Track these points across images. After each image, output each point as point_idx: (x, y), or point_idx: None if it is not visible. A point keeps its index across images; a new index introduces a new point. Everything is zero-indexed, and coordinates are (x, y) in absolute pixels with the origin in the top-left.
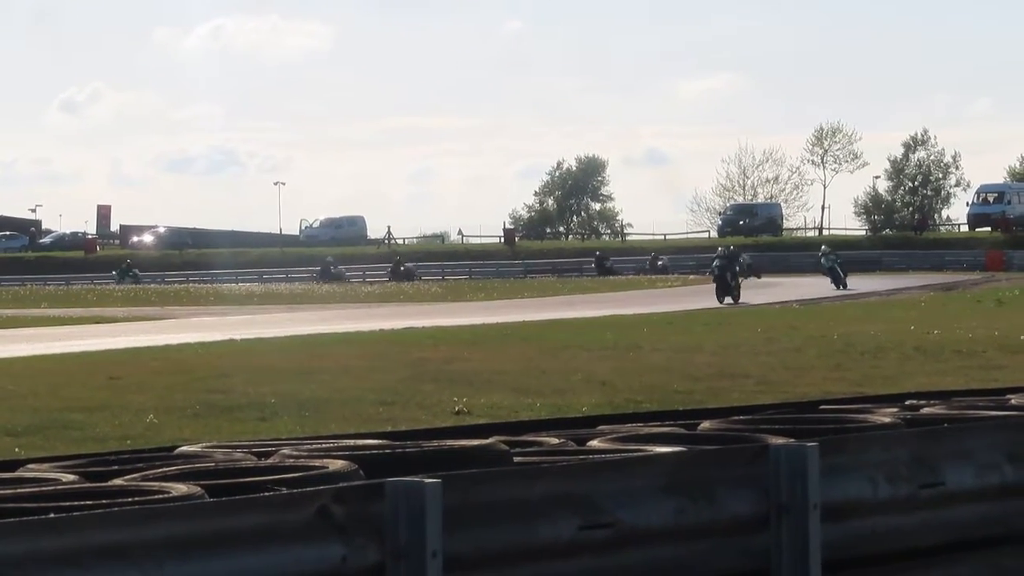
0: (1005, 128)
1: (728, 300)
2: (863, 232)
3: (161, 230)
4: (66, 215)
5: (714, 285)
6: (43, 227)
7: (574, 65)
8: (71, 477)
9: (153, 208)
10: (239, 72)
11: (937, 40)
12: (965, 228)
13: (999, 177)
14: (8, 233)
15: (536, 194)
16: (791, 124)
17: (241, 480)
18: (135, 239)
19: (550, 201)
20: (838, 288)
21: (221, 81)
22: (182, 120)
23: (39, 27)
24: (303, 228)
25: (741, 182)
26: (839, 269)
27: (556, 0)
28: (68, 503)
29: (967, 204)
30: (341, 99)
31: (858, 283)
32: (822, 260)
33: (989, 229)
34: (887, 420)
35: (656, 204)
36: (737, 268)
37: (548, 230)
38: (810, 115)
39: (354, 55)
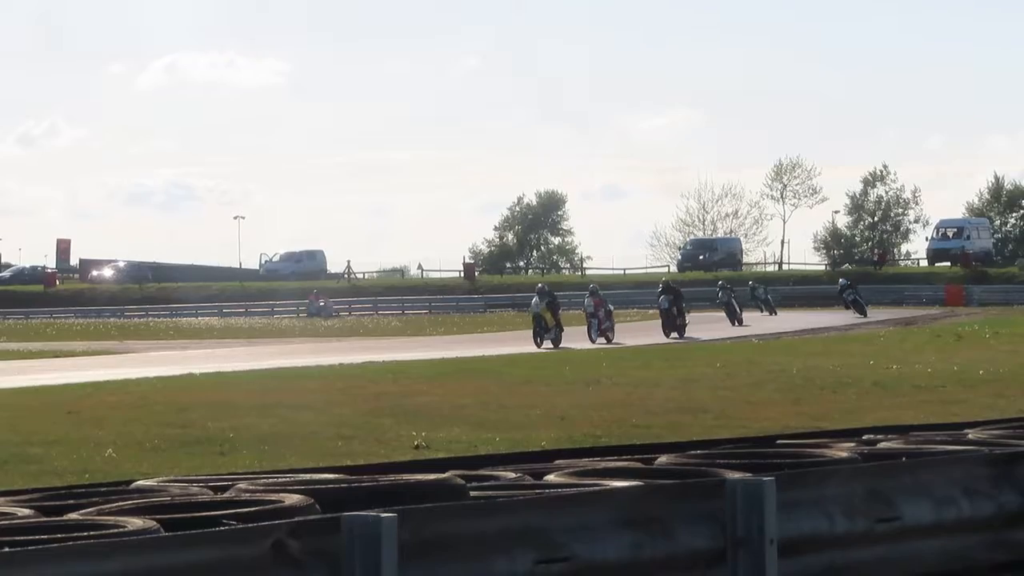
0: (962, 164)
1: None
2: (823, 267)
3: (121, 264)
4: (25, 249)
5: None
6: (2, 261)
7: (531, 100)
8: (26, 512)
9: (111, 242)
10: (196, 107)
11: (895, 76)
12: (924, 263)
13: (958, 212)
14: None
15: (496, 228)
16: (750, 159)
17: (197, 514)
18: (95, 273)
19: (510, 235)
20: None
21: (178, 116)
22: (139, 154)
23: None
24: (263, 262)
25: (701, 216)
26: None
27: (513, 36)
28: (23, 537)
29: (927, 239)
30: (298, 134)
31: (816, 318)
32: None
33: (949, 264)
34: (844, 455)
35: (614, 239)
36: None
37: (508, 264)
38: (769, 150)
39: (311, 90)
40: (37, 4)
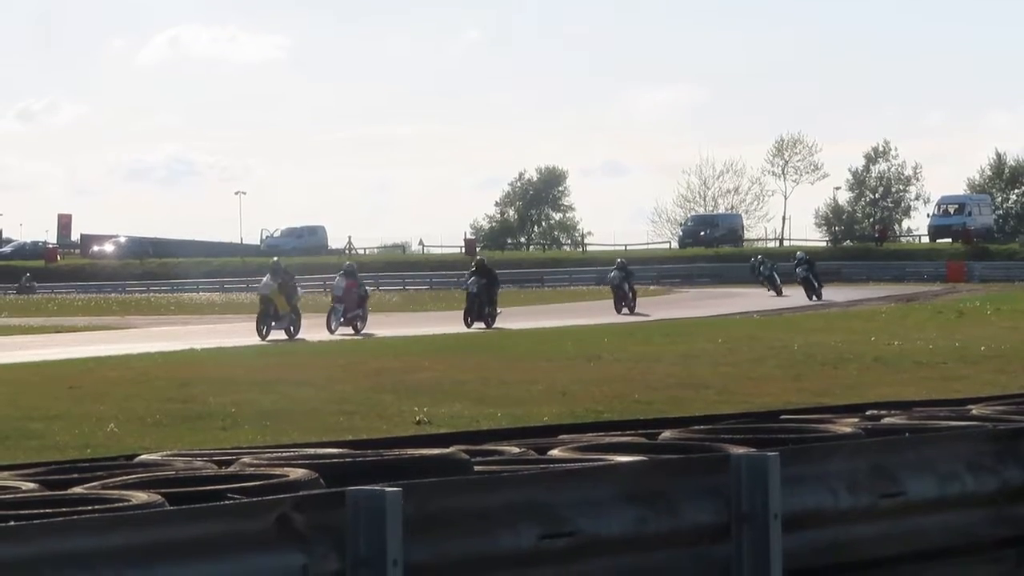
0: (963, 140)
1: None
2: (824, 243)
3: (122, 239)
4: (27, 224)
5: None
6: (3, 236)
7: (532, 75)
8: (30, 485)
9: (112, 217)
10: (196, 82)
11: (896, 52)
12: (926, 239)
13: (959, 189)
14: None
15: (497, 204)
16: (751, 135)
17: (201, 488)
18: (96, 248)
19: (511, 211)
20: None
21: (178, 91)
22: (140, 130)
23: None
24: (264, 238)
25: (702, 193)
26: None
27: (514, 11)
28: (27, 511)
29: (928, 216)
30: (299, 109)
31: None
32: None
33: (950, 240)
34: (848, 430)
35: (615, 215)
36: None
37: (509, 240)
38: (770, 126)
39: (312, 65)
40: None
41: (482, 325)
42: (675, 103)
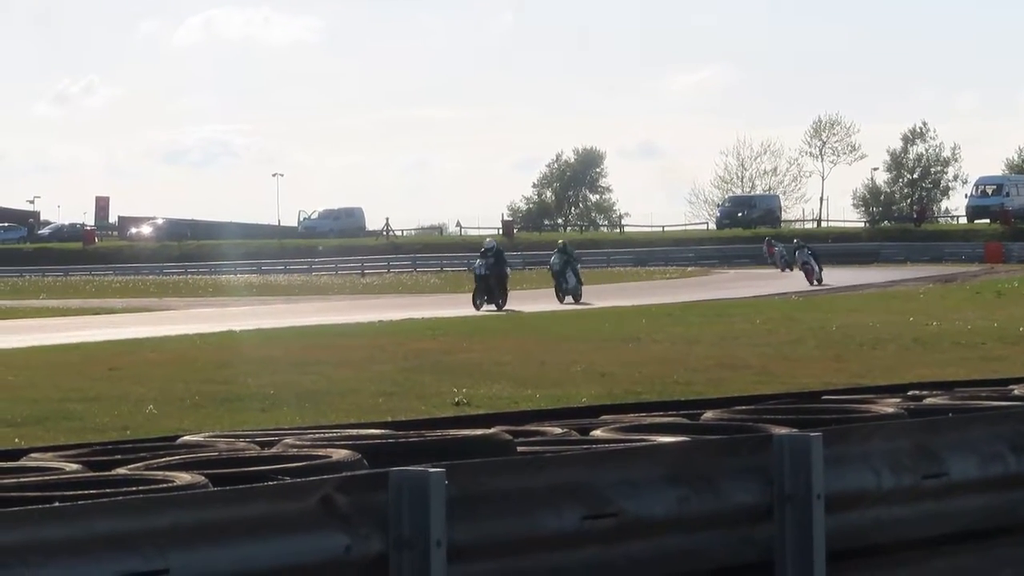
0: (1002, 120)
1: (569, 299)
2: (861, 224)
3: (159, 221)
4: (64, 206)
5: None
6: (41, 218)
7: (569, 56)
8: (75, 466)
9: (149, 199)
10: (232, 64)
11: (935, 32)
12: (964, 220)
13: (997, 169)
14: (6, 224)
15: (534, 186)
16: (789, 116)
17: (245, 469)
18: (133, 230)
19: (548, 193)
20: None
21: (214, 73)
22: (175, 112)
23: (32, 20)
24: (301, 219)
25: (739, 174)
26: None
27: None
28: (72, 492)
29: (966, 196)
30: (335, 90)
31: (857, 275)
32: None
33: (988, 221)
34: (890, 410)
35: (652, 196)
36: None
37: (546, 222)
38: (808, 107)
39: (348, 46)
40: None
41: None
42: (713, 84)
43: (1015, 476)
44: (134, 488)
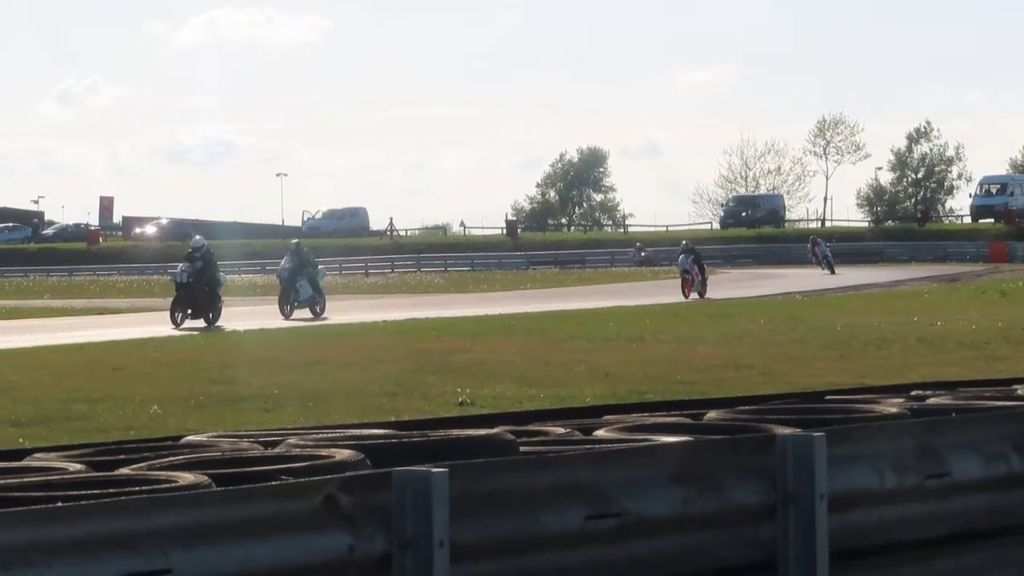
0: (1006, 120)
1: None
2: (866, 223)
3: (164, 221)
4: (68, 206)
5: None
6: (46, 218)
7: (573, 55)
8: (78, 466)
9: (153, 199)
10: (235, 64)
11: (938, 31)
12: (968, 219)
13: (1002, 168)
14: (11, 224)
15: (538, 185)
16: (793, 115)
17: (248, 469)
18: (137, 230)
19: (552, 192)
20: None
21: (217, 72)
22: (178, 112)
23: (35, 20)
24: (305, 219)
25: (743, 173)
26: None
27: None
28: (75, 492)
29: (970, 196)
30: (339, 90)
31: (861, 275)
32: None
33: (992, 220)
34: (894, 410)
35: (656, 196)
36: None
37: (550, 222)
38: (812, 106)
39: (350, 46)
40: None
41: None
42: (717, 83)
43: (1018, 476)
44: (137, 488)
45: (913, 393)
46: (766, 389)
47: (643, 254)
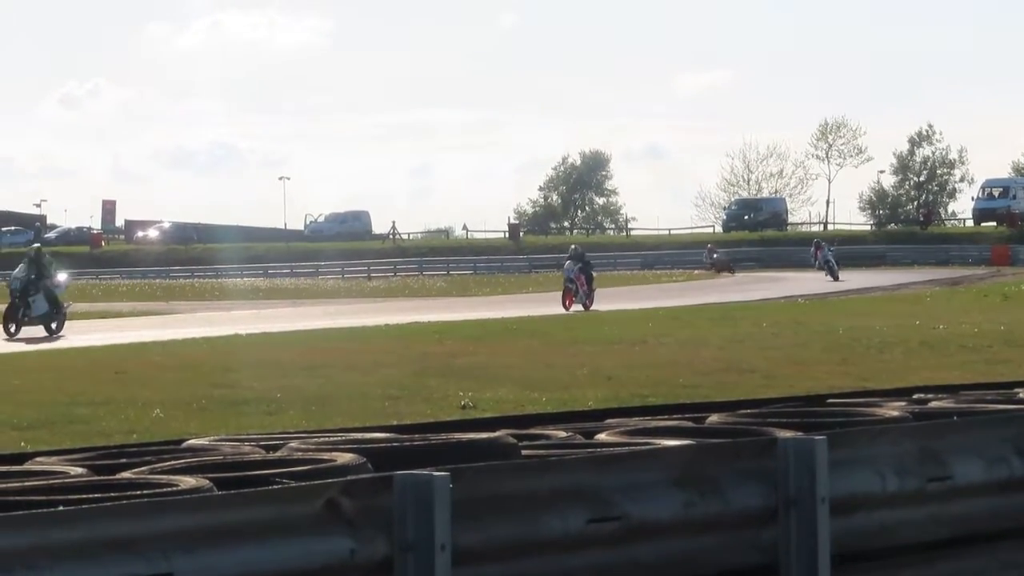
0: (1008, 123)
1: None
2: (868, 227)
3: (166, 225)
4: (71, 210)
5: None
6: (48, 222)
7: (575, 59)
8: (79, 470)
9: (155, 203)
10: (237, 67)
11: (941, 34)
12: (970, 223)
13: (1004, 172)
14: (13, 228)
15: (540, 189)
16: (795, 119)
17: (249, 473)
18: (140, 234)
19: (554, 196)
20: (837, 280)
21: (219, 76)
22: (181, 115)
23: (37, 22)
24: (308, 223)
25: (745, 177)
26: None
27: None
28: (76, 496)
29: (972, 199)
30: (340, 94)
31: (863, 278)
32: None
33: (995, 224)
34: (895, 414)
35: (659, 199)
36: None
37: (553, 225)
38: (814, 110)
39: (354, 49)
40: None
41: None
42: (719, 87)
43: (1020, 479)
44: (139, 492)
45: (915, 396)
46: (768, 392)
47: (715, 256)
